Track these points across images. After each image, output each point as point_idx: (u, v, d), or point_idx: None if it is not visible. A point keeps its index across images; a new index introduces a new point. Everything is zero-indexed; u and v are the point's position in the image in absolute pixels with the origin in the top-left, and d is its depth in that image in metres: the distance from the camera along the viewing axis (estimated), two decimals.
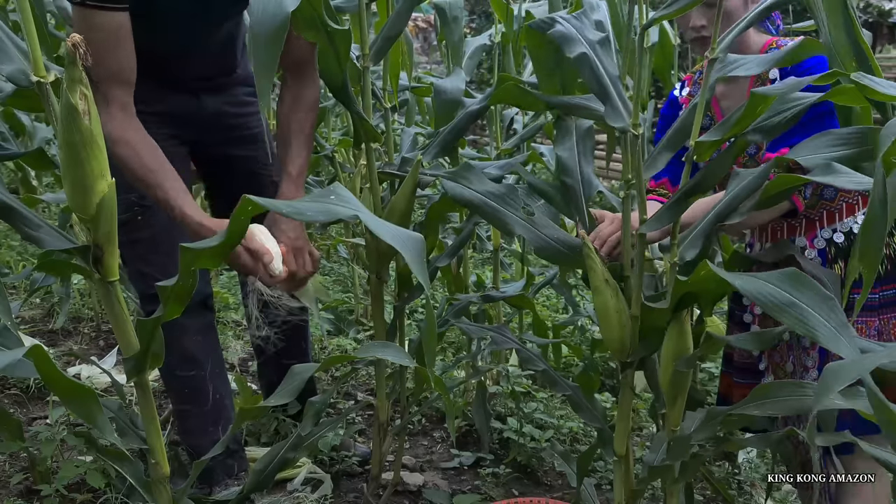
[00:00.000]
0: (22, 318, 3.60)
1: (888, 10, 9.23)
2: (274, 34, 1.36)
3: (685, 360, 1.61)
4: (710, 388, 3.24)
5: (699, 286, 1.48)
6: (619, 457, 1.77)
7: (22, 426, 2.04)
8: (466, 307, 2.41)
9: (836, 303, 1.20)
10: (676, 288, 1.53)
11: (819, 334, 1.17)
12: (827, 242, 1.87)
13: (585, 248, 1.64)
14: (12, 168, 4.16)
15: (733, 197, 1.56)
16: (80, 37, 1.23)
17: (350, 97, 1.93)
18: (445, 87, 2.37)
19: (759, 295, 1.25)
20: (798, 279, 1.25)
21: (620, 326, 1.65)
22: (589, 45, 1.65)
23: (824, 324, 1.18)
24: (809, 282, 1.24)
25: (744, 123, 1.52)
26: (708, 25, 1.85)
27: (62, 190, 1.34)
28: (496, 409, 2.95)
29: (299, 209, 1.24)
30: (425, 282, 1.22)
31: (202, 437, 2.16)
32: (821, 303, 1.20)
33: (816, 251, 1.88)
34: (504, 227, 1.78)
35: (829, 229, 1.87)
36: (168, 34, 1.95)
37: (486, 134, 7.77)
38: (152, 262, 2.05)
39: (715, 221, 1.59)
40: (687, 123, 1.60)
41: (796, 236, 1.91)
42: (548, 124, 3.15)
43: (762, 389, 1.53)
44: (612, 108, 1.60)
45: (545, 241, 1.76)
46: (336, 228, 4.83)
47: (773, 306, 1.23)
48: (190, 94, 2.15)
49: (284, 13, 1.37)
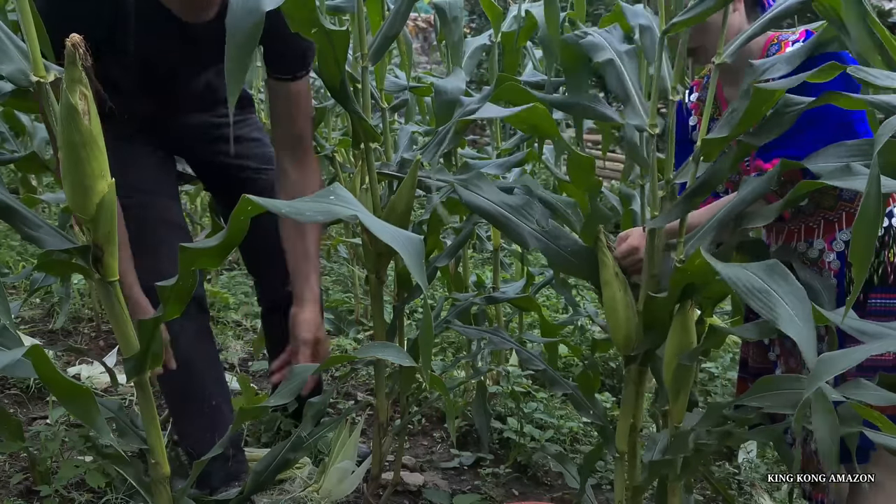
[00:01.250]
0: (22, 318, 3.60)
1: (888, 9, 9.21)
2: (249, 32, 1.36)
3: (688, 354, 1.62)
4: (710, 388, 3.24)
5: (696, 275, 1.52)
6: (621, 454, 1.78)
7: (22, 426, 2.04)
8: (468, 308, 2.41)
9: (803, 293, 1.26)
10: (675, 277, 1.55)
11: (779, 317, 1.23)
12: (846, 245, 1.83)
13: (599, 242, 1.71)
14: (12, 168, 4.16)
15: (740, 200, 1.59)
16: (79, 37, 1.23)
17: (348, 97, 1.93)
18: (445, 87, 2.37)
19: (736, 280, 1.31)
20: (775, 270, 1.30)
21: (627, 320, 1.71)
22: (616, 53, 1.75)
23: (787, 309, 1.24)
24: (785, 273, 1.30)
25: (749, 121, 1.53)
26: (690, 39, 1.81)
27: (62, 190, 1.34)
28: (496, 409, 2.95)
29: (299, 209, 1.24)
30: (423, 283, 1.22)
31: (199, 441, 2.14)
32: (790, 293, 1.27)
33: (835, 254, 1.84)
34: (519, 239, 1.80)
35: (847, 231, 1.82)
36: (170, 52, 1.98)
37: (486, 134, 7.77)
38: (136, 262, 2.01)
39: (721, 224, 1.60)
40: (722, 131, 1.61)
41: (814, 238, 1.87)
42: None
43: (764, 382, 1.54)
44: (631, 108, 1.69)
45: (558, 253, 1.79)
46: (336, 228, 4.82)
47: (745, 290, 1.29)
48: (186, 113, 2.19)
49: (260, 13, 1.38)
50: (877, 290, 1.80)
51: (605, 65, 1.73)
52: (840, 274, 1.84)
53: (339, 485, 2.20)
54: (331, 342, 3.57)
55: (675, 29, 1.56)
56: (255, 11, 1.34)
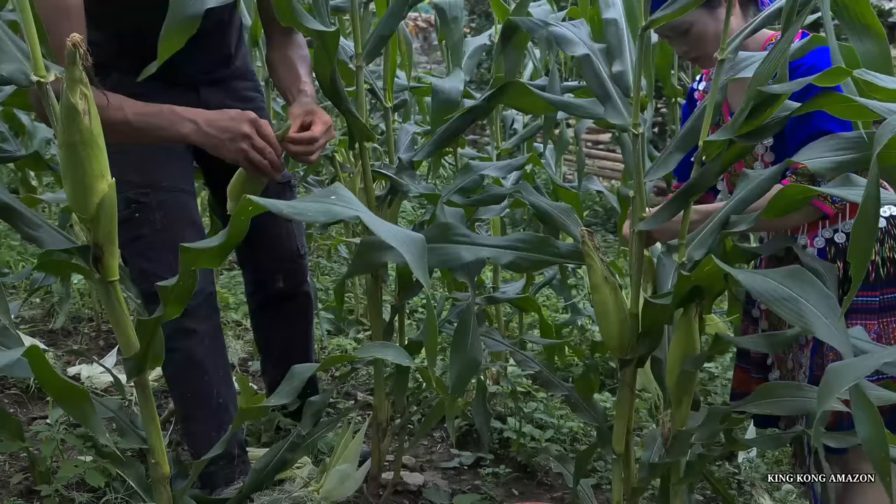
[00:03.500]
0: (22, 318, 3.59)
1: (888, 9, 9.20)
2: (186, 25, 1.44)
3: (693, 360, 1.61)
4: (710, 387, 3.24)
5: (704, 281, 1.50)
6: (618, 455, 1.78)
7: (22, 426, 2.04)
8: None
9: (834, 301, 1.24)
10: (680, 283, 1.53)
11: (815, 328, 1.22)
12: (827, 242, 1.86)
13: (585, 246, 1.65)
14: (12, 168, 4.16)
15: (740, 199, 1.57)
16: (80, 36, 1.23)
17: (340, 96, 1.92)
18: (444, 87, 2.38)
19: (762, 290, 1.29)
20: (800, 276, 1.29)
21: (619, 324, 1.67)
22: (590, 49, 1.69)
23: (821, 318, 1.22)
24: (811, 279, 1.28)
25: (753, 123, 1.52)
26: (690, 50, 1.89)
27: (62, 190, 1.34)
28: (496, 409, 2.95)
29: (300, 209, 1.24)
30: (426, 282, 1.21)
31: (205, 442, 2.14)
32: (819, 300, 1.25)
33: (816, 250, 1.87)
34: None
35: (830, 229, 1.86)
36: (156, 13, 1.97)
37: (486, 134, 7.77)
38: (153, 258, 2.03)
39: (722, 223, 1.59)
40: (697, 124, 1.61)
41: (798, 234, 1.90)
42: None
43: (763, 390, 1.54)
44: (612, 107, 1.63)
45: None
46: (336, 228, 4.82)
47: (773, 300, 1.27)
48: (189, 88, 2.14)
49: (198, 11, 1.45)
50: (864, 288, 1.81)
51: (581, 61, 1.69)
52: None
53: (339, 486, 2.20)
54: (331, 342, 3.57)
55: (655, 24, 1.56)
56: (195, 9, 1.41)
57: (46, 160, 2.55)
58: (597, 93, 1.66)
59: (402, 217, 5.45)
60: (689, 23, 1.81)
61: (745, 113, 1.48)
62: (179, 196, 2.12)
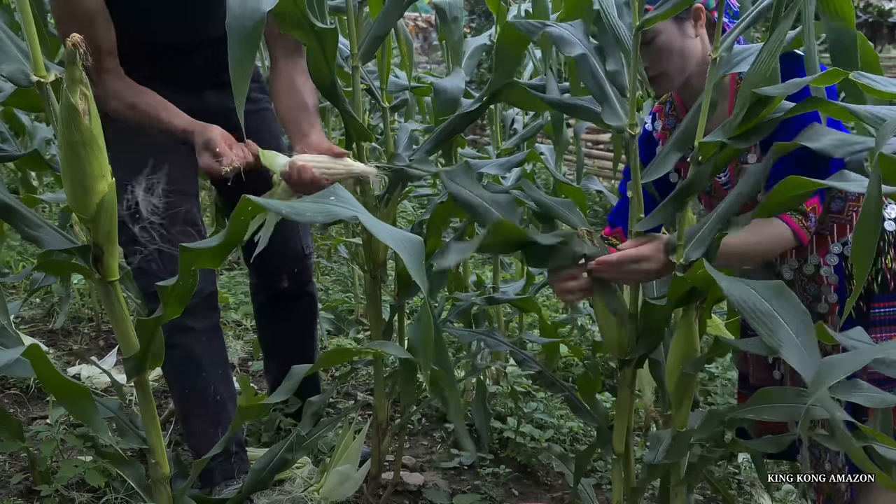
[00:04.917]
0: (22, 318, 3.59)
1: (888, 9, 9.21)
2: (250, 33, 1.35)
3: (693, 362, 1.61)
4: (710, 388, 3.25)
5: (697, 283, 1.50)
6: (618, 455, 1.78)
7: (22, 426, 2.04)
8: (468, 308, 2.41)
9: (809, 320, 1.24)
10: (675, 285, 1.54)
11: (784, 349, 1.21)
12: (839, 258, 1.79)
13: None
14: (12, 168, 4.16)
15: (738, 194, 1.56)
16: (80, 36, 1.23)
17: (338, 96, 1.92)
18: (445, 87, 2.38)
19: (741, 301, 1.29)
20: (781, 292, 1.28)
21: (619, 325, 1.67)
22: (588, 49, 1.68)
23: (793, 339, 1.22)
24: (792, 297, 1.27)
25: (748, 124, 1.52)
26: (650, 66, 1.74)
27: (62, 190, 1.35)
28: (496, 408, 2.95)
29: (298, 210, 1.24)
30: (423, 284, 1.21)
31: (204, 439, 2.15)
32: (796, 318, 1.24)
33: (832, 268, 1.79)
34: None
35: (839, 243, 1.79)
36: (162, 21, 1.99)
37: (486, 134, 7.78)
38: (153, 258, 2.04)
39: (720, 220, 1.59)
40: (691, 125, 1.60)
41: (808, 254, 1.81)
42: (547, 125, 3.16)
43: (762, 394, 1.53)
44: (609, 108, 1.63)
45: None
46: (336, 228, 4.83)
47: (750, 313, 1.27)
48: (192, 93, 2.14)
49: (261, 13, 1.37)
50: (879, 298, 1.77)
51: (577, 60, 1.66)
52: (840, 289, 1.79)
53: (339, 486, 2.20)
54: (330, 342, 3.57)
55: (649, 23, 1.55)
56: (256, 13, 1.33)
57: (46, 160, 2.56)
58: (594, 93, 1.66)
59: (401, 217, 5.46)
60: (656, 31, 1.69)
61: (742, 114, 1.48)
62: (180, 197, 2.12)
